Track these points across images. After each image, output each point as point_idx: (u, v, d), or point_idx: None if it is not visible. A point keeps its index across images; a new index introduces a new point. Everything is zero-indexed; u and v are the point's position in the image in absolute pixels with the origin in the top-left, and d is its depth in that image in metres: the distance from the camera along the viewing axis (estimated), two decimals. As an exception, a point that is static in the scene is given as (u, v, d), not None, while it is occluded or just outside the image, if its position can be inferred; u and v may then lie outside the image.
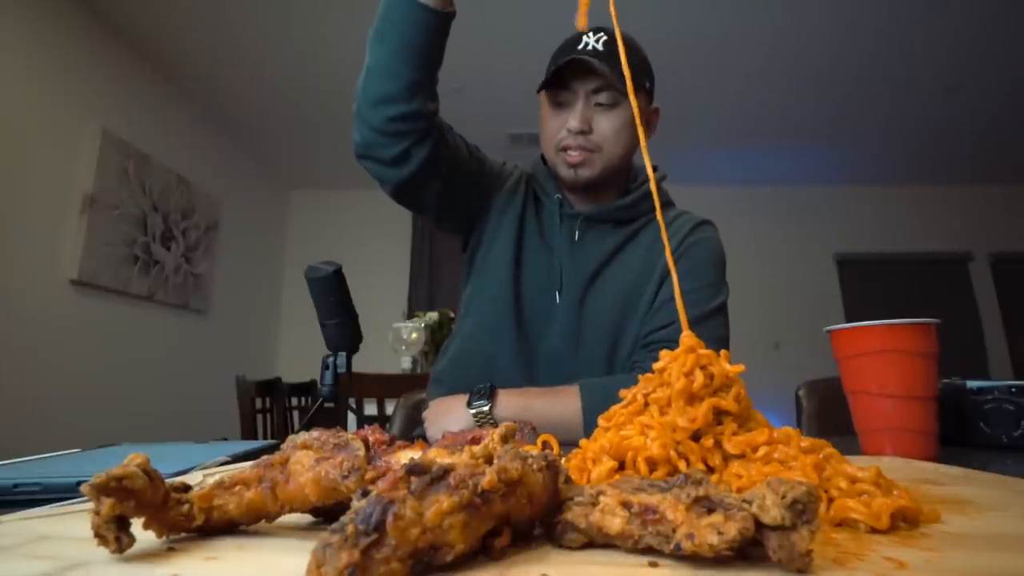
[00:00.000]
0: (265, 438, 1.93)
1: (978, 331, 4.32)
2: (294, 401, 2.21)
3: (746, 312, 4.38)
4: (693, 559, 0.21)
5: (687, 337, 0.35)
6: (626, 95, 0.79)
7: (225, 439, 1.10)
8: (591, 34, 0.80)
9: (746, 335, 4.29)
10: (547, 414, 0.72)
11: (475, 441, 0.31)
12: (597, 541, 0.23)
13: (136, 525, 0.24)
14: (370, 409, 1.92)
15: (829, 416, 1.16)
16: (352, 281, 0.79)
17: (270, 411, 2.04)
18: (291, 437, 0.30)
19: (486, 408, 0.73)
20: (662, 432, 0.33)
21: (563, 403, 0.73)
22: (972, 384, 0.70)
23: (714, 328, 0.82)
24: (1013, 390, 0.67)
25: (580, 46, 0.80)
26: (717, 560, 0.21)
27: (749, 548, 0.21)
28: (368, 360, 1.73)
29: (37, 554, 0.24)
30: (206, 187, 3.39)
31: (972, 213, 4.54)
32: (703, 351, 0.35)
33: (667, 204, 0.94)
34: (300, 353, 4.12)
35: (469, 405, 0.74)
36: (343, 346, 0.78)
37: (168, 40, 2.73)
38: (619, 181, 0.91)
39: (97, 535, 0.23)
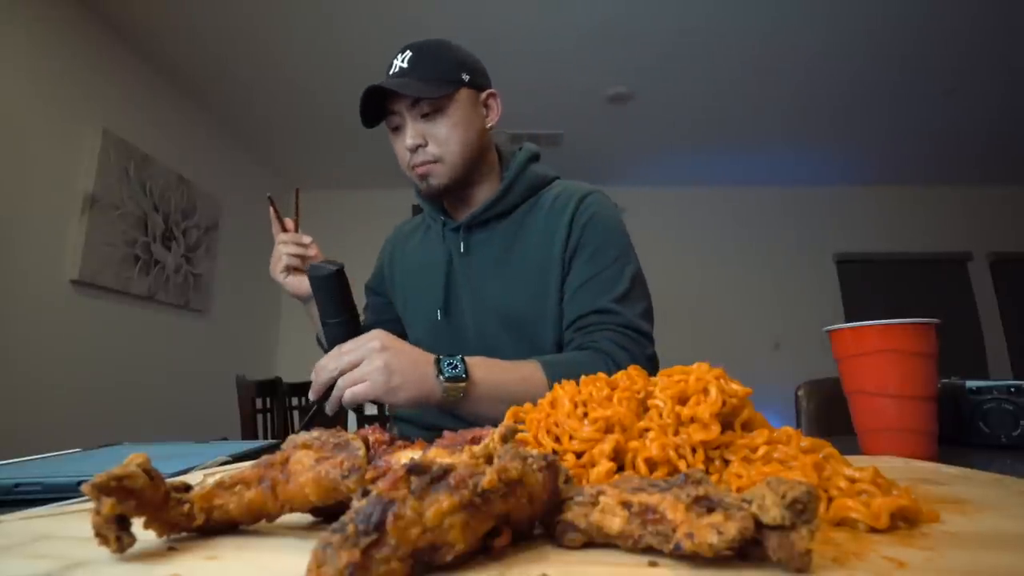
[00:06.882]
0: (265, 438, 1.93)
1: (977, 331, 4.32)
2: (294, 401, 2.21)
3: (746, 312, 4.41)
4: (693, 559, 0.21)
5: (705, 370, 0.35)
6: (438, 99, 0.81)
7: (225, 439, 1.10)
8: (399, 55, 0.83)
9: (746, 335, 4.31)
10: (517, 393, 0.66)
11: (475, 441, 0.31)
12: (597, 541, 0.23)
13: (137, 525, 0.24)
14: (370, 409, 1.92)
15: (829, 416, 1.17)
16: (354, 281, 0.79)
17: (270, 411, 2.04)
18: (291, 437, 0.30)
19: (462, 385, 0.66)
20: (660, 434, 0.33)
21: (532, 384, 0.69)
22: (971, 384, 0.70)
23: (635, 303, 0.81)
24: (1012, 390, 0.67)
25: (391, 71, 0.83)
26: (717, 560, 0.21)
27: (749, 548, 0.21)
28: (368, 360, 1.72)
29: (38, 554, 0.24)
30: (206, 187, 3.38)
31: (971, 213, 4.53)
32: (717, 372, 0.35)
33: (546, 182, 0.92)
34: (300, 353, 4.11)
35: (441, 373, 0.65)
36: (344, 346, 0.78)
37: (169, 40, 2.73)
38: (487, 175, 0.91)
39: (98, 535, 0.23)
